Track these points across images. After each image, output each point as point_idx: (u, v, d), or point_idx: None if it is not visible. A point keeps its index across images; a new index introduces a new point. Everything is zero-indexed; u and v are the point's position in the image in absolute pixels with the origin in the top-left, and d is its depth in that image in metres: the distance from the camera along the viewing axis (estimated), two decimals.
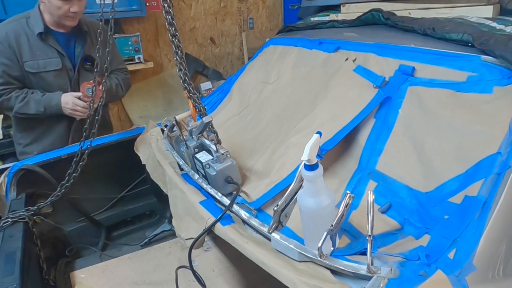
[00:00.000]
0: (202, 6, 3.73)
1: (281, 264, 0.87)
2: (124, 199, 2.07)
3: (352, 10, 1.94)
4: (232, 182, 1.23)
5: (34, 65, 1.82)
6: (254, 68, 1.95)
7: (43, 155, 1.75)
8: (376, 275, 0.78)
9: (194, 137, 1.35)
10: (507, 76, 0.99)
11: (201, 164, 1.27)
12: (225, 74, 3.96)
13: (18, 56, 1.79)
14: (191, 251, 1.08)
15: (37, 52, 1.81)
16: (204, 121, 1.27)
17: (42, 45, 1.81)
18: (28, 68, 1.81)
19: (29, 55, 1.80)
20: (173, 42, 1.25)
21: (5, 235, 1.31)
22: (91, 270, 1.69)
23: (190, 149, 1.33)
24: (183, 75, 1.29)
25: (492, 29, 1.22)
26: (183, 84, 1.31)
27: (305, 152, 0.83)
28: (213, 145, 1.27)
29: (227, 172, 1.23)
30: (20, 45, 1.78)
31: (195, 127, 1.35)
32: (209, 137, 1.34)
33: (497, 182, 0.85)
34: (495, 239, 0.82)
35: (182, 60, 1.27)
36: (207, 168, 1.25)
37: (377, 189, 1.07)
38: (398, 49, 1.31)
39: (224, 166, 1.23)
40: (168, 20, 1.21)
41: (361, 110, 1.20)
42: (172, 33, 1.23)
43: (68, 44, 1.89)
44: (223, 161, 1.23)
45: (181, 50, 1.27)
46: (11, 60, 1.78)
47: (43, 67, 1.82)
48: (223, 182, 1.24)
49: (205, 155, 1.30)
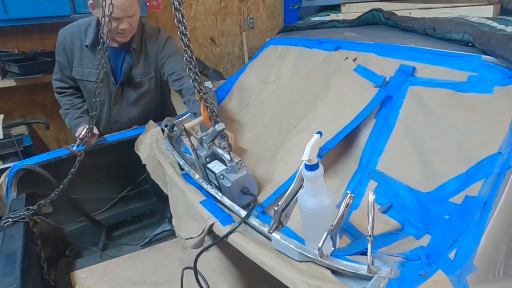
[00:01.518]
0: (203, 6, 3.73)
1: (281, 264, 0.87)
2: (124, 199, 2.07)
3: (352, 10, 1.94)
4: (249, 193, 1.16)
5: (79, 72, 1.89)
6: (254, 68, 1.95)
7: (43, 155, 1.75)
8: (376, 275, 0.78)
9: (204, 145, 1.27)
10: (507, 76, 0.99)
11: (214, 175, 1.19)
12: (226, 74, 3.96)
13: (70, 60, 1.88)
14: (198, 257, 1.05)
15: (85, 60, 1.86)
16: (217, 129, 1.19)
17: (91, 55, 1.84)
18: (75, 73, 1.90)
19: (78, 62, 1.87)
20: (182, 40, 1.15)
21: (6, 235, 1.31)
22: (91, 270, 1.69)
23: (201, 158, 1.26)
24: (194, 75, 1.21)
25: (493, 29, 1.22)
26: (192, 83, 1.22)
27: (306, 152, 0.83)
28: (227, 154, 1.18)
29: (243, 183, 1.16)
30: (73, 50, 1.85)
31: (205, 135, 1.27)
32: (220, 145, 1.26)
33: (498, 182, 0.85)
34: (496, 239, 0.81)
35: (192, 59, 1.18)
36: (221, 179, 1.17)
37: (377, 189, 1.07)
38: (398, 49, 1.31)
39: (240, 176, 1.15)
40: (177, 17, 1.12)
41: (362, 109, 1.20)
42: (182, 31, 1.14)
43: (117, 58, 1.88)
44: (238, 171, 1.15)
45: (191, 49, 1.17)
46: (64, 61, 1.89)
47: (86, 75, 1.88)
48: (238, 193, 1.16)
49: (217, 164, 1.23)
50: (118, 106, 1.97)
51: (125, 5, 1.60)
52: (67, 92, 1.97)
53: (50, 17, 2.69)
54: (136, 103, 1.99)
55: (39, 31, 2.95)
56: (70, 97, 1.97)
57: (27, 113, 3.08)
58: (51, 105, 3.08)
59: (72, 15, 2.75)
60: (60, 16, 2.70)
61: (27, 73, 2.66)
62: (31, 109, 3.12)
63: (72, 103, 1.96)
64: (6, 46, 2.88)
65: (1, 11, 2.51)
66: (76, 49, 1.85)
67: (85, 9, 2.74)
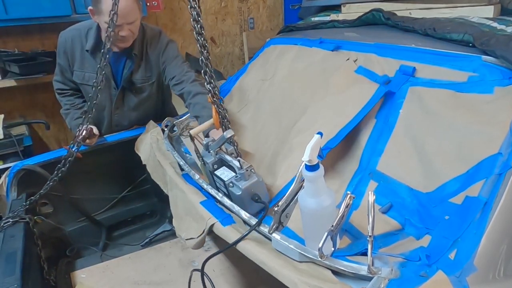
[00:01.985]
0: (203, 6, 3.72)
1: (281, 264, 0.87)
2: (124, 199, 2.07)
3: (352, 10, 1.94)
4: (260, 201, 1.11)
5: (80, 76, 1.89)
6: (254, 68, 1.95)
7: (44, 155, 1.75)
8: (376, 275, 0.78)
9: (211, 152, 1.22)
10: (508, 76, 0.99)
11: (223, 182, 1.16)
12: (226, 74, 3.96)
13: (70, 63, 1.87)
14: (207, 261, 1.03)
15: (86, 64, 1.86)
16: (226, 135, 1.16)
17: (91, 59, 1.83)
18: (75, 77, 1.90)
19: (79, 66, 1.87)
20: (198, 41, 1.12)
21: (6, 235, 1.31)
22: (91, 270, 1.69)
23: (208, 165, 1.21)
24: (209, 77, 1.16)
25: (493, 29, 1.22)
26: (207, 86, 1.17)
27: (306, 152, 0.83)
28: (235, 160, 1.14)
29: (253, 190, 1.11)
30: (74, 53, 1.85)
31: (211, 141, 1.23)
32: (228, 151, 1.23)
33: (498, 182, 0.85)
34: (496, 240, 0.81)
35: (208, 61, 1.15)
36: (230, 187, 1.13)
37: (377, 189, 1.07)
38: (398, 49, 1.31)
39: (250, 183, 1.11)
40: (193, 16, 1.09)
41: (364, 106, 1.19)
42: (198, 30, 1.11)
43: (117, 63, 1.87)
44: (248, 178, 1.11)
45: (207, 50, 1.15)
46: (65, 64, 1.88)
47: (87, 80, 1.87)
48: (249, 201, 1.12)
49: (226, 171, 1.19)
50: (119, 111, 1.97)
51: (124, 12, 1.57)
52: (68, 93, 1.97)
53: (50, 17, 2.69)
54: (138, 107, 1.98)
55: (39, 31, 2.95)
56: (70, 97, 1.97)
57: (28, 113, 3.08)
58: (51, 105, 3.08)
59: (72, 15, 2.75)
60: (61, 16, 2.71)
61: (27, 73, 2.66)
62: (31, 109, 3.12)
63: (73, 103, 1.96)
64: (6, 46, 2.88)
65: (2, 11, 2.51)
66: (77, 52, 1.84)
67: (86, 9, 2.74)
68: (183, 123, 1.75)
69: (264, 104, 1.63)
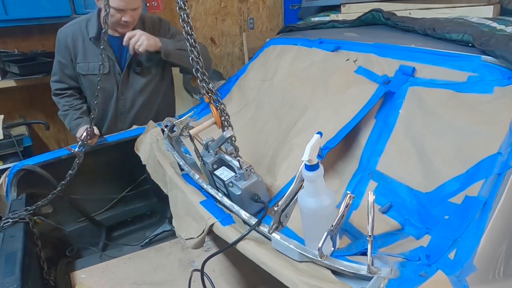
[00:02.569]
0: (203, 6, 3.73)
1: (281, 264, 0.87)
2: (124, 199, 2.07)
3: (352, 10, 1.94)
4: (260, 201, 1.12)
5: (84, 67, 1.92)
6: (254, 68, 1.95)
7: (43, 156, 1.75)
8: (376, 275, 0.78)
9: (211, 151, 1.23)
10: (507, 76, 0.99)
11: (223, 182, 1.16)
12: (226, 74, 3.96)
13: (73, 57, 1.91)
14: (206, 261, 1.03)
15: (89, 55, 1.90)
16: (225, 135, 1.15)
17: (94, 48, 1.87)
18: (79, 69, 1.93)
19: (82, 57, 1.90)
20: (188, 40, 1.14)
21: (6, 236, 1.31)
22: (91, 270, 1.69)
23: (208, 165, 1.22)
24: (201, 74, 1.17)
25: (493, 29, 1.22)
26: (200, 84, 1.18)
27: (306, 152, 0.83)
28: (235, 160, 1.14)
29: (253, 190, 1.12)
30: (76, 46, 1.89)
31: (211, 141, 1.23)
32: (227, 151, 1.23)
33: (498, 182, 0.85)
34: (496, 240, 0.81)
35: (199, 59, 1.16)
36: (230, 187, 1.14)
37: (377, 189, 1.07)
38: (398, 49, 1.31)
39: (250, 183, 1.11)
40: (182, 17, 1.11)
41: (363, 106, 1.19)
42: (187, 31, 1.13)
43: (121, 47, 1.91)
44: (247, 178, 1.11)
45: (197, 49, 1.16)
46: (66, 60, 1.91)
47: (92, 70, 1.91)
48: (249, 201, 1.12)
49: (225, 171, 1.19)
50: (125, 96, 2.00)
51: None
52: (66, 94, 1.98)
53: (50, 17, 2.70)
54: (143, 90, 2.02)
55: (39, 31, 2.96)
56: (69, 98, 1.98)
57: (27, 114, 3.08)
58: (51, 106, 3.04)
59: (72, 15, 2.75)
60: (60, 17, 2.70)
61: (27, 74, 2.66)
62: (31, 109, 3.12)
63: (71, 104, 1.97)
64: (6, 47, 2.88)
65: (1, 11, 2.52)
66: (79, 45, 1.88)
67: (85, 10, 2.75)
68: (183, 123, 1.75)
69: (264, 104, 1.63)
